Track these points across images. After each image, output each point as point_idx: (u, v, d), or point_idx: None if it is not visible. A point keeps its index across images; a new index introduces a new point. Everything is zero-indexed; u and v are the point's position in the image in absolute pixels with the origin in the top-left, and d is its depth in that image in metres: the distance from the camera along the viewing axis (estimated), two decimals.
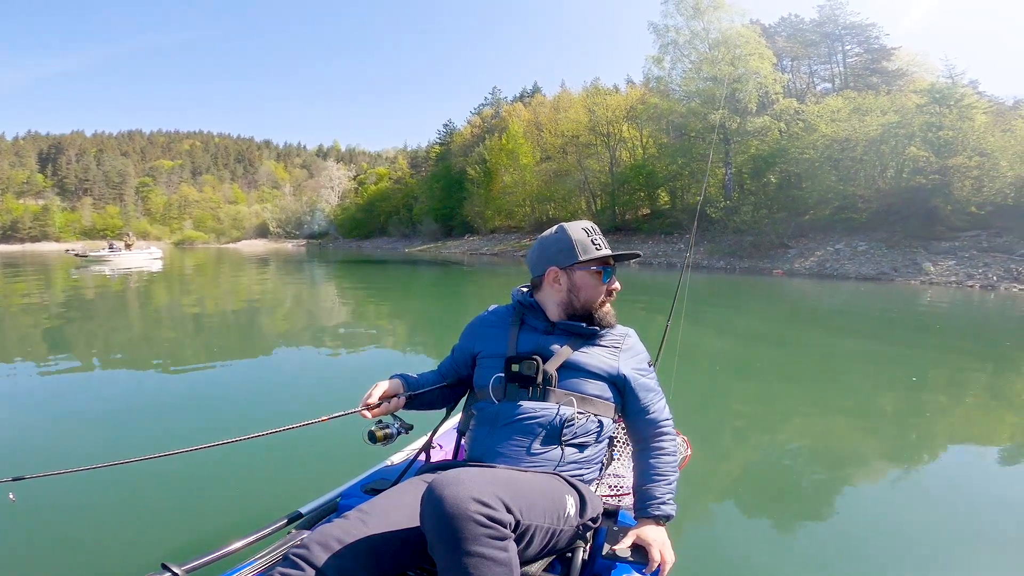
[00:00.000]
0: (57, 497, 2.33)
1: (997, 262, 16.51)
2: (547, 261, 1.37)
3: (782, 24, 36.09)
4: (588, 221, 1.40)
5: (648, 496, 1.26)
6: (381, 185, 61.98)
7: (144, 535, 2.05)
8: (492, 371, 1.34)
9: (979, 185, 19.39)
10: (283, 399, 3.99)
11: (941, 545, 2.06)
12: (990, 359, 5.88)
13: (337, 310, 9.58)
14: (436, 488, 0.94)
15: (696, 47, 26.50)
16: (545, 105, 44.38)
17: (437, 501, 0.92)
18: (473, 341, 1.46)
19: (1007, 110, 24.19)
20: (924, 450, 3.20)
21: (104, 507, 2.27)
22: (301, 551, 0.93)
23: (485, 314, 1.50)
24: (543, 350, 1.32)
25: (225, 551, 1.20)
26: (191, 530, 2.04)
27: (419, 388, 1.42)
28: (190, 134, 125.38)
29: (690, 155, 26.35)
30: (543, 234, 1.42)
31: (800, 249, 20.66)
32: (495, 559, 0.91)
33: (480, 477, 1.00)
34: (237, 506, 2.28)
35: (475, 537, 0.90)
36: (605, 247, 1.36)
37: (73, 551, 1.97)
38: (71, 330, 6.91)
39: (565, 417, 1.25)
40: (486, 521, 0.91)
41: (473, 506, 0.91)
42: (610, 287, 1.39)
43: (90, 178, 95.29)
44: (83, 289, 12.41)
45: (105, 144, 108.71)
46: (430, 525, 0.93)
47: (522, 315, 1.41)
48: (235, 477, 2.56)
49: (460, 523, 0.90)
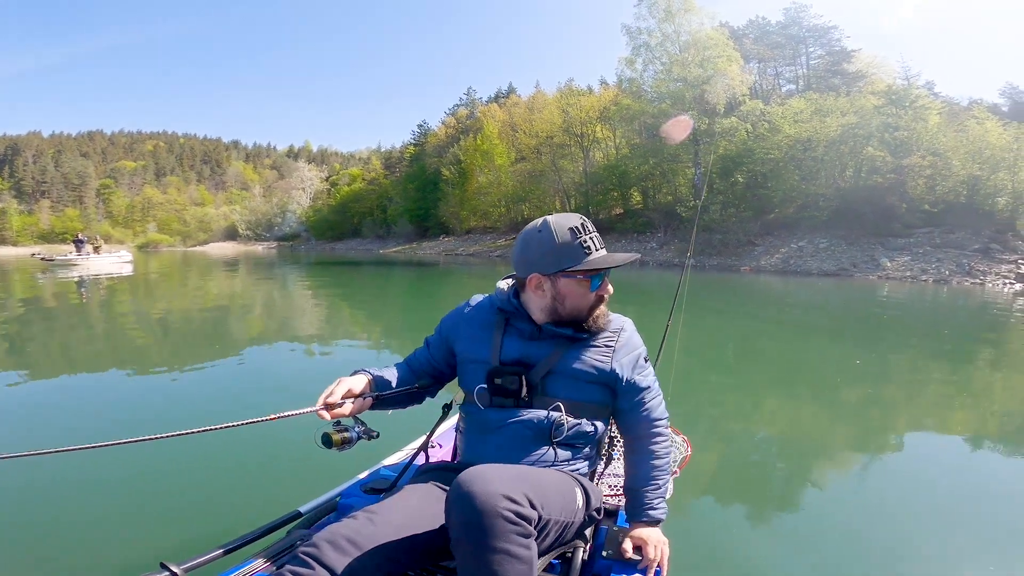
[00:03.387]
0: (55, 497, 2.30)
1: (949, 257, 17.34)
2: (528, 266, 1.24)
3: (750, 26, 37.11)
4: (578, 216, 1.23)
5: (640, 499, 1.26)
6: (354, 186, 61.09)
7: (142, 534, 2.04)
8: (475, 378, 1.29)
9: (932, 184, 20.32)
10: (279, 396, 3.99)
11: (944, 537, 2.08)
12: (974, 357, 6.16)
13: (315, 312, 9.44)
14: (465, 484, 0.94)
15: (667, 49, 27.03)
16: (520, 106, 44.56)
17: (467, 497, 0.92)
18: (454, 339, 1.37)
19: (961, 110, 25.36)
20: (922, 443, 3.26)
21: (102, 507, 2.26)
22: (311, 550, 0.92)
23: (467, 310, 1.38)
24: (528, 358, 1.25)
25: (224, 550, 1.19)
26: (190, 529, 2.04)
27: (387, 387, 1.30)
28: (153, 134, 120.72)
29: (661, 155, 26.85)
30: (526, 231, 1.27)
31: (766, 246, 21.29)
32: (519, 556, 0.91)
33: (506, 473, 1.00)
34: (236, 505, 2.28)
35: (503, 534, 0.90)
36: (597, 247, 1.22)
37: (71, 551, 1.95)
38: (55, 341, 6.64)
39: (553, 421, 1.22)
40: (514, 518, 0.91)
41: (503, 502, 0.91)
42: (600, 293, 1.27)
43: (48, 180, 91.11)
44: (58, 297, 11.88)
45: (64, 145, 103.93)
46: (458, 520, 0.92)
47: (507, 317, 1.32)
48: (234, 476, 2.55)
49: (490, 519, 0.89)
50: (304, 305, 10.61)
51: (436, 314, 1.47)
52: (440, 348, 1.38)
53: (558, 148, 35.00)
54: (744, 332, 7.35)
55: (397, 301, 11.71)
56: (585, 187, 32.95)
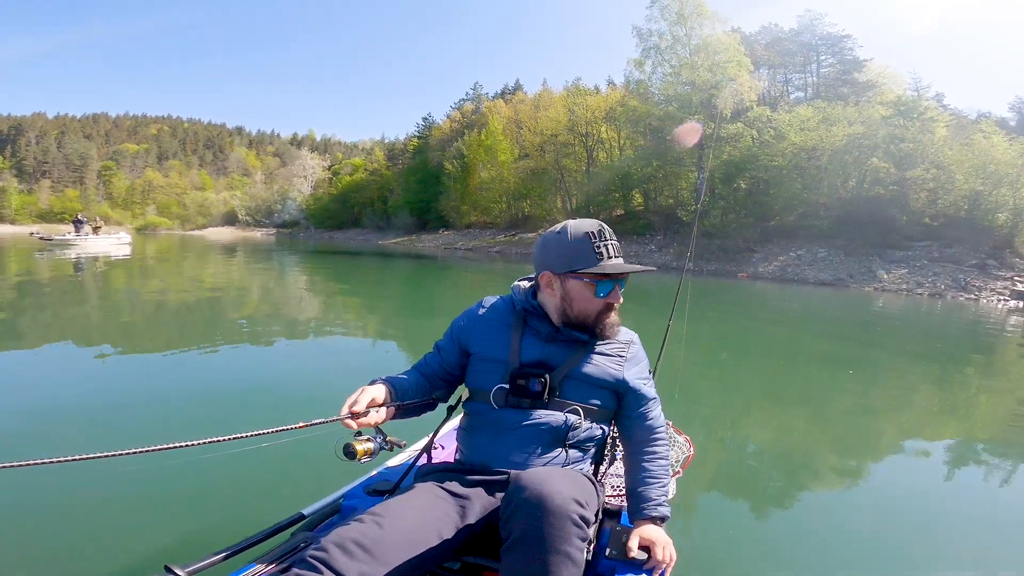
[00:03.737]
0: (58, 499, 2.26)
1: (946, 272, 17.35)
2: (543, 263, 1.28)
3: (762, 32, 36.91)
4: (597, 223, 1.25)
5: (644, 498, 1.27)
6: (356, 176, 60.94)
7: (146, 537, 2.04)
8: (492, 377, 1.28)
9: (934, 197, 20.32)
10: (279, 395, 3.81)
11: (940, 540, 2.11)
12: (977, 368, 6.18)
13: (318, 303, 9.39)
14: (533, 486, 0.94)
15: (677, 52, 26.97)
16: (526, 103, 44.38)
17: (537, 499, 0.92)
18: (468, 340, 1.36)
19: (969, 123, 25.33)
20: (918, 444, 3.33)
21: (106, 510, 2.24)
22: (320, 553, 0.91)
23: (481, 311, 1.38)
24: (548, 359, 1.27)
25: (227, 553, 1.20)
26: (193, 533, 2.05)
27: (407, 397, 1.27)
28: (158, 118, 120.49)
29: (665, 158, 26.79)
30: (549, 230, 1.32)
31: (764, 253, 21.27)
32: (575, 560, 0.92)
33: (565, 476, 1.01)
34: (239, 508, 2.28)
35: (568, 537, 0.91)
36: (611, 254, 1.22)
37: (75, 554, 1.95)
38: (44, 319, 6.59)
39: (570, 424, 1.24)
40: (579, 521, 0.93)
41: (573, 506, 0.92)
42: (609, 300, 1.27)
43: (50, 160, 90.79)
44: (55, 275, 11.81)
45: (68, 127, 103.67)
46: (523, 522, 0.92)
47: (524, 317, 1.33)
48: (236, 479, 2.54)
49: (560, 522, 0.90)
50: (305, 294, 10.56)
51: (434, 307, 1.45)
52: (453, 352, 1.37)
53: (562, 147, 34.87)
54: (742, 337, 7.38)
55: (395, 293, 11.67)
56: (587, 187, 32.86)
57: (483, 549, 1.14)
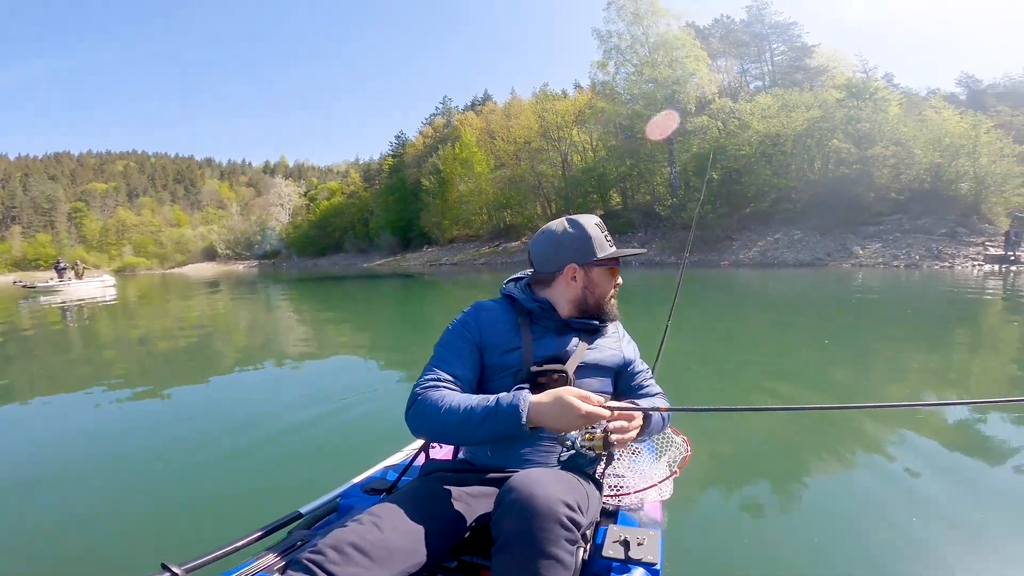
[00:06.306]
0: (56, 498, 2.32)
1: (919, 242, 17.96)
2: (563, 258, 1.31)
3: (716, 25, 38.00)
4: (595, 216, 1.35)
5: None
6: (334, 200, 60.70)
7: (143, 535, 2.05)
8: (506, 377, 1.26)
9: (897, 172, 21.05)
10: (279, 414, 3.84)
11: (944, 535, 2.03)
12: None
13: (307, 331, 9.45)
14: (522, 487, 0.94)
15: (637, 51, 27.57)
16: (496, 112, 44.85)
17: (526, 500, 0.92)
18: (481, 341, 1.30)
19: (921, 100, 26.30)
20: (920, 436, 3.11)
21: (103, 508, 2.27)
22: (316, 556, 0.89)
23: (483, 313, 1.33)
24: (561, 352, 1.28)
25: (224, 551, 1.19)
26: (190, 530, 2.06)
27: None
28: (124, 154, 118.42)
29: (638, 156, 27.31)
30: (551, 229, 1.34)
31: (744, 241, 21.79)
32: (564, 563, 0.91)
33: (557, 478, 1.01)
34: (236, 506, 2.29)
35: (556, 539, 0.90)
36: (612, 241, 1.37)
37: (72, 551, 1.97)
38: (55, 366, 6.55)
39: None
40: (569, 524, 0.92)
41: (562, 508, 0.92)
42: (616, 282, 1.38)
43: (17, 205, 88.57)
44: (45, 324, 11.62)
45: (31, 168, 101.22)
46: (512, 524, 0.92)
47: (529, 314, 1.33)
48: (234, 477, 2.56)
49: (547, 524, 0.90)
50: (299, 325, 10.59)
51: (425, 324, 1.53)
52: (473, 355, 1.28)
53: (536, 153, 35.27)
54: (733, 331, 7.40)
55: (384, 317, 11.72)
56: (565, 191, 33.27)
57: (482, 548, 1.12)
